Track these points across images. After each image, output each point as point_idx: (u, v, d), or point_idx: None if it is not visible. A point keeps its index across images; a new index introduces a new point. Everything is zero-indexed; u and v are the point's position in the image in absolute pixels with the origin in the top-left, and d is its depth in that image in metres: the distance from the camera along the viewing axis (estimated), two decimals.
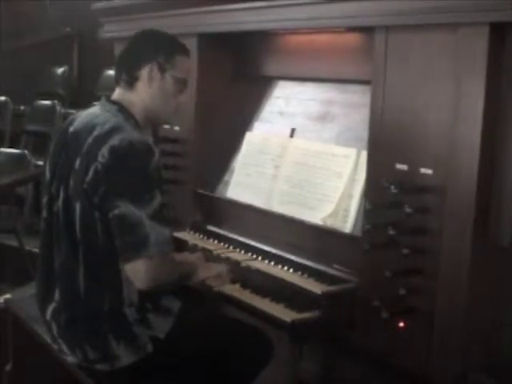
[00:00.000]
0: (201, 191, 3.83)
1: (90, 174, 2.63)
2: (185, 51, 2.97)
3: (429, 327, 2.60)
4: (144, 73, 2.85)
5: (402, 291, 2.63)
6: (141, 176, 2.64)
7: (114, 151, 2.62)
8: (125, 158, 2.63)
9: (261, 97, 3.84)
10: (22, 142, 7.51)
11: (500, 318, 2.59)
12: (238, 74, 3.95)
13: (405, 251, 2.62)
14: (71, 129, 2.83)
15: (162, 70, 2.86)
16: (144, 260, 2.60)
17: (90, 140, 2.70)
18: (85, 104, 7.83)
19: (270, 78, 3.81)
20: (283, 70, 3.70)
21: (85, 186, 2.64)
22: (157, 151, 2.69)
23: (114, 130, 2.68)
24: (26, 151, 6.31)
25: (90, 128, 2.74)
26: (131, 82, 2.86)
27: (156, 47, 2.88)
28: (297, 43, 3.55)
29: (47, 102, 7.39)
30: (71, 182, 2.71)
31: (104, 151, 2.62)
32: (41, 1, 8.71)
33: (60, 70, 8.39)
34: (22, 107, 7.84)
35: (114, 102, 2.86)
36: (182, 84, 2.94)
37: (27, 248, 5.72)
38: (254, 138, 3.73)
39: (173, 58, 2.89)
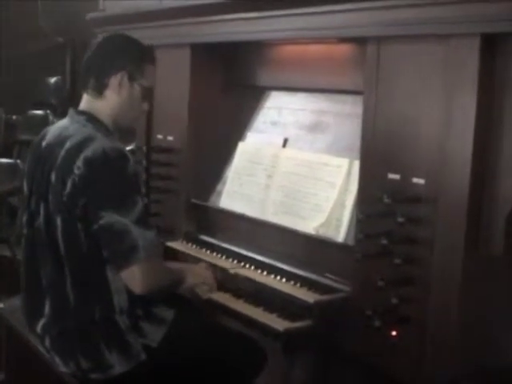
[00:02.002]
0: (194, 201, 3.83)
1: (68, 187, 2.63)
2: (153, 60, 2.95)
3: (421, 336, 2.60)
4: (114, 81, 2.83)
5: (395, 300, 2.63)
6: (119, 183, 2.64)
7: (88, 162, 2.62)
8: (100, 167, 2.63)
9: (253, 107, 3.85)
10: (15, 151, 7.49)
11: (492, 328, 2.59)
12: (231, 84, 3.95)
13: (397, 261, 2.62)
14: (44, 143, 2.84)
15: (132, 79, 2.85)
16: (138, 265, 2.61)
17: (62, 153, 2.70)
18: None
19: (263, 88, 3.82)
20: (276, 81, 3.70)
21: (64, 199, 2.65)
22: (131, 156, 2.69)
23: (85, 141, 2.68)
24: (19, 161, 6.30)
25: (61, 141, 2.74)
26: (100, 90, 2.84)
27: (127, 55, 2.86)
28: (289, 54, 3.56)
29: (40, 112, 7.38)
30: (50, 197, 2.71)
31: (79, 163, 2.62)
32: (33, 10, 8.70)
33: (53, 80, 8.38)
34: (14, 117, 7.83)
35: (82, 112, 2.85)
36: (147, 92, 2.93)
37: (20, 258, 5.69)
38: (246, 148, 3.73)
39: (143, 67, 2.88)
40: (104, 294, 2.70)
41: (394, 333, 2.69)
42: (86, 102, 2.89)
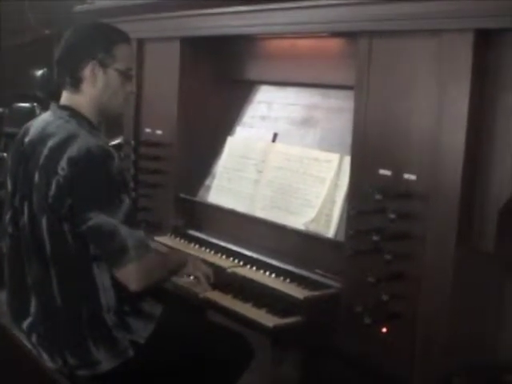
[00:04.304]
0: (182, 195, 3.82)
1: (53, 188, 2.60)
2: (124, 39, 2.86)
3: (412, 333, 2.59)
4: (86, 72, 2.77)
5: (385, 297, 2.63)
6: (105, 183, 2.61)
7: (73, 163, 2.58)
8: (85, 168, 2.59)
9: (243, 101, 3.84)
10: (1, 144, 7.44)
11: (483, 323, 2.59)
12: (221, 78, 3.93)
13: (388, 257, 2.62)
14: (27, 139, 2.80)
15: (104, 66, 2.78)
16: (132, 265, 2.59)
17: (45, 152, 2.66)
18: None
19: (253, 83, 3.81)
20: (266, 75, 3.70)
21: (49, 200, 2.61)
22: (116, 154, 2.65)
23: (68, 139, 2.63)
24: (5, 154, 6.26)
25: (44, 138, 2.70)
26: (76, 84, 2.79)
27: (92, 43, 2.78)
28: (279, 48, 3.55)
29: (26, 105, 7.33)
30: (34, 198, 2.67)
31: (63, 164, 2.58)
32: (19, 2, 8.64)
33: (39, 73, 8.32)
34: (0, 109, 7.77)
35: (65, 107, 2.80)
36: (127, 74, 2.85)
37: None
38: (235, 143, 3.72)
39: (112, 49, 2.79)
40: (91, 292, 2.68)
41: (384, 329, 2.69)
42: (66, 97, 2.84)
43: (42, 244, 2.67)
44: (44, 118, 2.83)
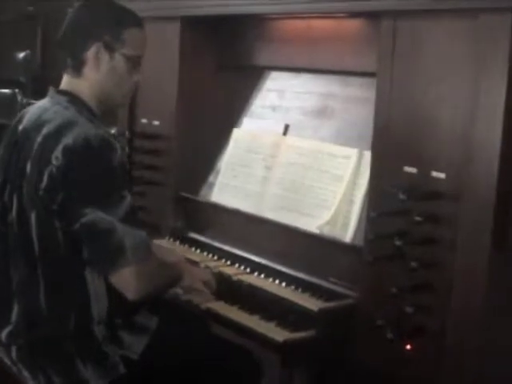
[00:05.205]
0: (182, 194, 3.82)
1: (45, 179, 2.59)
2: (136, 22, 2.86)
3: (440, 349, 2.59)
4: (90, 55, 2.77)
5: (410, 309, 2.62)
6: (104, 176, 2.60)
7: (68, 152, 2.57)
8: (82, 158, 2.58)
9: (251, 89, 3.84)
10: None
11: None
12: (226, 63, 3.94)
13: (413, 264, 2.61)
14: (20, 127, 2.80)
15: (111, 50, 2.78)
16: (129, 269, 2.58)
17: (39, 139, 2.66)
18: None
19: (262, 68, 3.81)
20: (276, 60, 3.69)
21: (40, 193, 2.60)
22: (118, 145, 2.65)
23: (65, 127, 2.63)
24: None
25: (39, 125, 2.70)
26: (77, 67, 2.79)
27: (99, 23, 2.79)
28: (292, 29, 3.55)
29: (6, 91, 7.36)
30: (24, 190, 2.67)
31: (57, 153, 2.58)
32: None
33: (21, 55, 8.33)
34: None
35: (64, 92, 2.81)
36: (135, 61, 2.85)
37: None
38: (242, 136, 3.72)
39: (121, 32, 2.79)
40: (81, 300, 2.67)
41: (408, 346, 2.68)
42: (66, 82, 2.85)
43: (30, 243, 2.66)
44: (40, 105, 2.84)
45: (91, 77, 2.80)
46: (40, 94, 7.99)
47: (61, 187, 2.58)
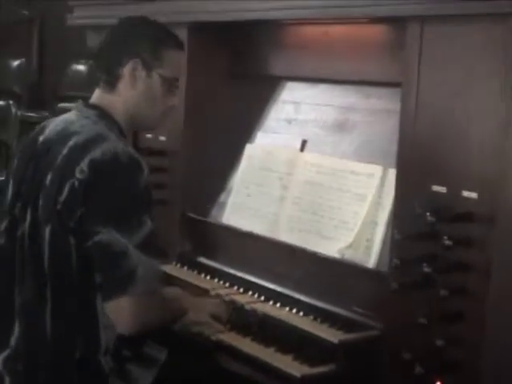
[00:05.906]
0: (191, 215, 3.83)
1: (65, 192, 2.63)
2: (176, 44, 2.97)
3: None
4: (126, 71, 2.85)
5: (440, 342, 2.60)
6: (128, 197, 2.64)
7: (95, 165, 2.62)
8: (109, 173, 2.63)
9: (264, 101, 3.85)
10: None
11: None
12: (237, 73, 3.96)
13: (443, 292, 2.60)
14: (41, 138, 2.84)
15: (148, 68, 2.87)
16: (129, 298, 2.59)
17: (64, 151, 2.69)
18: (47, 105, 7.80)
19: (277, 79, 3.82)
20: (292, 69, 3.70)
21: (58, 206, 2.64)
22: (146, 167, 2.69)
23: (94, 140, 2.68)
24: None
25: (64, 137, 2.75)
26: (112, 82, 2.87)
27: (140, 39, 2.89)
28: (310, 36, 3.56)
29: (0, 102, 7.39)
30: (40, 202, 2.70)
31: (83, 165, 2.62)
32: None
33: (15, 63, 8.39)
34: None
35: (94, 107, 2.86)
36: (172, 84, 2.94)
37: None
38: (256, 152, 3.73)
39: (160, 52, 2.90)
40: (90, 327, 2.68)
41: (438, 382, 2.65)
42: (97, 96, 2.92)
43: (40, 259, 2.68)
44: (65, 117, 2.90)
45: (125, 93, 2.87)
46: (36, 106, 8.09)
47: (81, 202, 2.61)
